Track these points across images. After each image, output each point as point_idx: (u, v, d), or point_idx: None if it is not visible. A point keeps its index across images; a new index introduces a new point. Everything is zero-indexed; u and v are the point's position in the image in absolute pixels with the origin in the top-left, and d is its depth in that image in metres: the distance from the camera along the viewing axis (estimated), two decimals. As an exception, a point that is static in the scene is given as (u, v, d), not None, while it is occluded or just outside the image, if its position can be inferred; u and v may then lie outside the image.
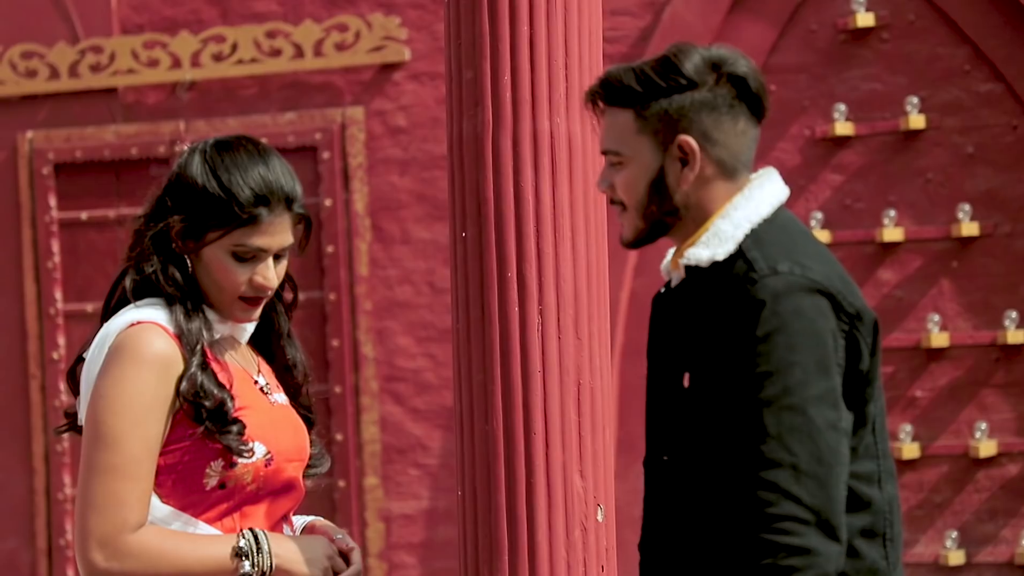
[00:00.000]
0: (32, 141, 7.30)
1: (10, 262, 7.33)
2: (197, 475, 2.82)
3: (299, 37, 7.15)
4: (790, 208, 2.37)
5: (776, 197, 2.68)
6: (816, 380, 2.47)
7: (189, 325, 2.83)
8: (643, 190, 2.66)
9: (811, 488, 2.44)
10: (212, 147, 2.90)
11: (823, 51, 6.86)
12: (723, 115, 2.65)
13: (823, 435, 2.46)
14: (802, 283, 2.52)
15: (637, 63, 2.68)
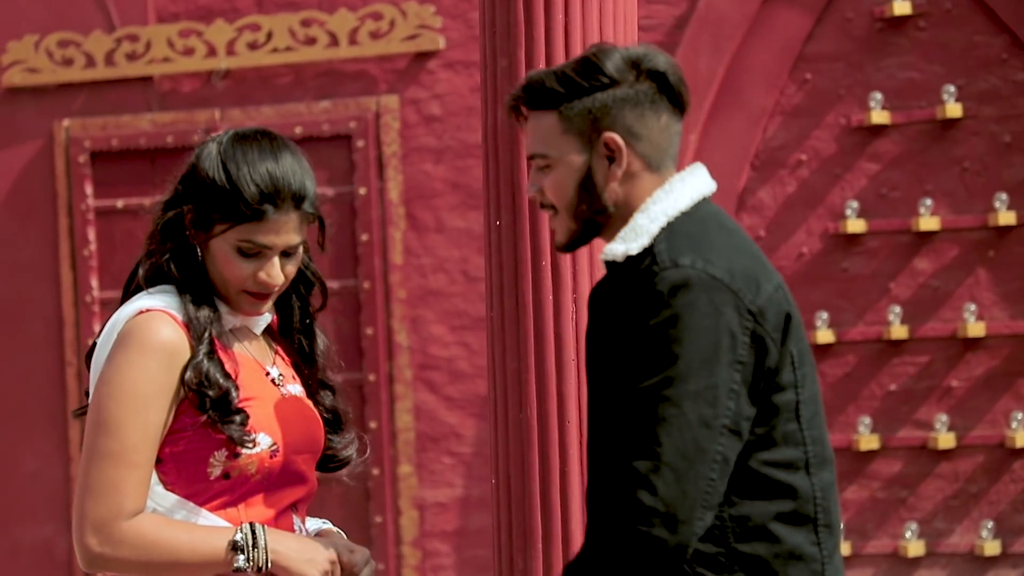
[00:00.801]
0: (68, 129, 7.33)
1: (46, 250, 7.36)
2: (201, 464, 2.81)
3: (334, 25, 7.15)
4: (826, 197, 2.39)
5: (698, 191, 2.70)
6: (697, 375, 2.50)
7: (198, 314, 2.82)
8: (572, 190, 2.68)
9: (667, 480, 2.48)
10: (229, 139, 2.88)
11: (859, 39, 6.82)
12: (646, 110, 2.67)
13: (692, 430, 2.49)
14: (701, 277, 2.55)
15: (559, 67, 2.72)
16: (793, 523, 2.61)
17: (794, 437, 2.61)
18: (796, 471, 2.62)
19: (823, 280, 6.85)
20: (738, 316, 2.55)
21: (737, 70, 6.88)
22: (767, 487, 2.59)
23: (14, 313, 7.38)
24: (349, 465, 3.04)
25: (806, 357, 2.65)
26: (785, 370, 2.60)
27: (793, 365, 2.61)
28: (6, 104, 7.39)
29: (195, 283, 2.85)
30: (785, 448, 2.60)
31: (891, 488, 6.78)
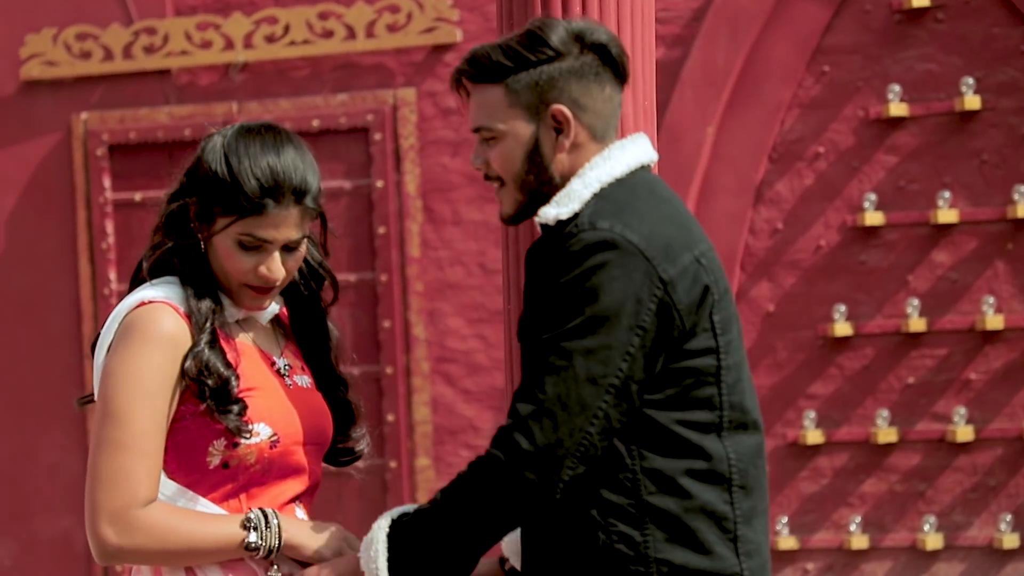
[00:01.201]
0: (86, 122, 7.34)
1: (64, 243, 7.38)
2: (200, 453, 2.81)
3: (351, 18, 7.15)
4: (844, 189, 2.38)
5: (636, 159, 2.74)
6: (595, 333, 2.57)
7: (199, 304, 2.83)
8: (520, 162, 2.73)
9: (545, 427, 2.56)
10: (234, 132, 2.88)
11: (877, 31, 6.81)
12: (591, 82, 2.73)
13: (579, 386, 2.56)
14: (616, 240, 2.61)
15: (503, 40, 2.75)
16: (705, 481, 2.65)
17: (710, 401, 2.66)
18: (708, 433, 2.66)
19: (841, 273, 6.83)
20: (647, 282, 2.60)
21: (755, 63, 6.87)
22: (679, 445, 2.64)
23: (32, 306, 7.40)
24: (360, 459, 3.03)
25: (732, 325, 2.70)
26: (701, 337, 2.64)
27: (714, 332, 2.66)
28: (25, 97, 7.40)
29: (198, 275, 2.85)
30: (699, 411, 2.65)
31: (909, 481, 6.77)
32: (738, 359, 2.71)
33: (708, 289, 2.66)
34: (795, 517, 6.84)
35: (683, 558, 2.63)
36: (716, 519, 2.65)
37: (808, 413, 6.80)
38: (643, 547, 2.62)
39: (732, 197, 6.88)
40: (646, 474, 2.63)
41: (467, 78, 2.77)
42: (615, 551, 2.62)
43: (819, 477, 6.84)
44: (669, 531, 2.63)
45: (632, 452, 2.63)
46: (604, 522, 2.63)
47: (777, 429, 6.86)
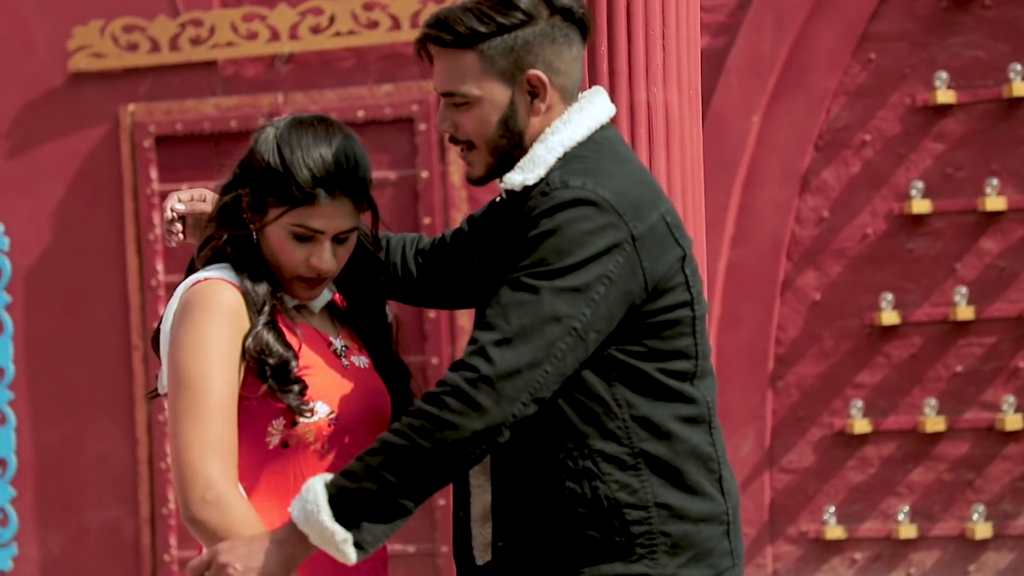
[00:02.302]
0: (134, 114, 7.38)
1: (112, 234, 7.42)
2: (259, 433, 2.83)
3: (396, 9, 7.16)
4: (891, 177, 2.38)
5: (595, 119, 2.76)
6: (563, 276, 2.60)
7: (256, 287, 2.85)
8: (494, 126, 2.74)
9: (505, 356, 2.57)
10: (286, 124, 2.90)
11: (924, 18, 6.77)
12: (562, 44, 2.75)
13: (543, 320, 2.59)
14: (589, 196, 2.63)
15: (470, 3, 2.75)
16: (691, 424, 2.70)
17: (688, 351, 2.71)
18: (685, 381, 2.71)
19: (888, 261, 6.80)
20: (618, 236, 2.63)
21: (800, 51, 6.84)
22: (663, 392, 2.68)
23: (81, 297, 7.45)
24: None
25: (698, 277, 2.75)
26: (676, 291, 2.68)
27: (688, 285, 2.71)
28: (72, 89, 7.45)
29: (251, 264, 2.87)
30: (678, 360, 2.70)
31: (958, 470, 6.74)
32: (704, 309, 2.76)
33: (677, 244, 2.70)
34: (843, 507, 6.82)
35: (679, 501, 2.68)
36: (703, 460, 2.71)
37: (855, 402, 6.77)
38: (642, 492, 2.66)
39: (778, 186, 6.85)
40: (636, 421, 2.67)
41: (436, 43, 2.76)
42: (615, 499, 2.66)
43: (867, 466, 6.81)
44: (664, 475, 2.67)
45: (620, 401, 2.67)
46: (600, 472, 2.66)
47: (824, 418, 6.84)
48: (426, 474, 2.60)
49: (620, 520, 2.66)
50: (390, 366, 3.00)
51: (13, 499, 7.48)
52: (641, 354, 2.67)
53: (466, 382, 2.59)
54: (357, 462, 2.62)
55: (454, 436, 2.58)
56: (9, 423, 7.47)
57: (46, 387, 7.48)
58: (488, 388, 2.58)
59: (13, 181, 7.48)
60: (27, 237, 7.49)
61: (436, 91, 2.79)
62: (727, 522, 2.73)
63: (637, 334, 2.67)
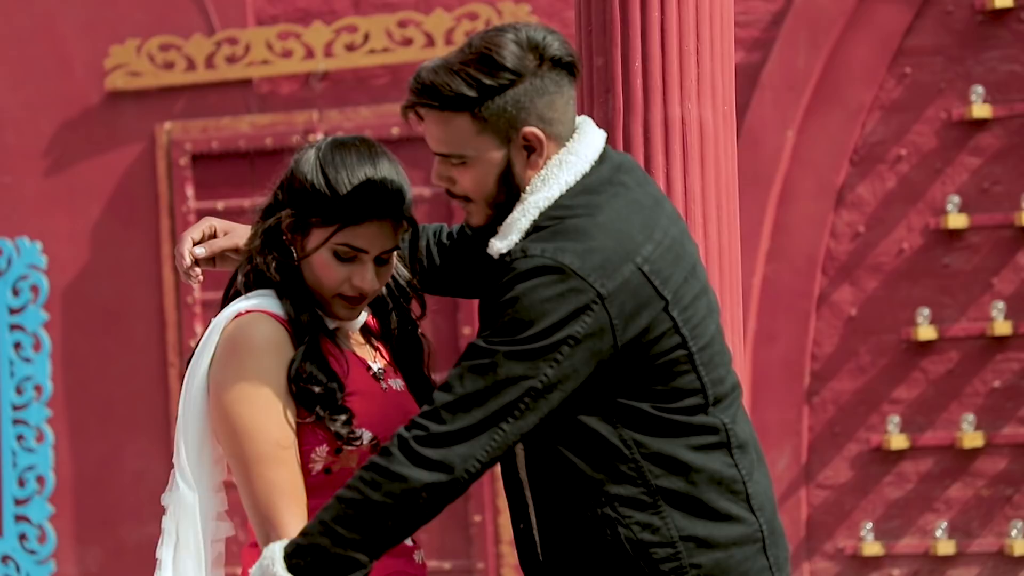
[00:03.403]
0: (170, 132, 7.41)
1: (148, 251, 7.45)
2: (303, 460, 2.83)
3: (430, 26, 7.18)
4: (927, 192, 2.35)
5: (576, 170, 2.72)
6: (521, 340, 2.59)
7: (299, 313, 2.85)
8: (492, 184, 2.73)
9: (457, 418, 2.60)
10: (328, 144, 2.91)
11: (960, 32, 6.75)
12: (553, 95, 2.71)
13: (500, 385, 2.59)
14: (547, 265, 2.61)
15: (453, 64, 2.71)
16: (707, 450, 2.68)
17: (692, 385, 2.68)
18: (698, 413, 2.68)
19: (924, 276, 6.78)
20: (581, 298, 2.60)
21: (835, 65, 6.83)
22: (674, 428, 2.67)
23: (117, 314, 7.48)
24: None
25: (696, 309, 2.69)
26: (663, 339, 2.65)
27: (677, 329, 2.66)
28: (109, 107, 7.49)
29: (293, 287, 2.88)
30: (684, 399, 2.67)
31: (996, 486, 6.70)
32: (709, 336, 2.71)
33: (657, 294, 2.65)
34: (880, 523, 6.79)
35: (705, 530, 2.66)
36: (726, 484, 2.68)
37: (892, 418, 6.75)
38: (665, 529, 2.64)
39: (813, 201, 6.84)
40: (648, 459, 2.65)
41: (426, 108, 2.75)
42: (639, 541, 2.64)
43: (904, 482, 6.78)
44: (685, 508, 2.65)
45: (628, 443, 2.65)
46: (620, 516, 2.65)
47: (861, 434, 6.82)
48: (378, 527, 2.61)
49: (647, 560, 2.64)
50: (423, 388, 3.00)
51: (51, 516, 7.51)
52: (643, 396, 2.66)
53: (415, 440, 2.59)
54: (313, 519, 2.64)
55: (403, 487, 2.59)
56: (47, 440, 7.50)
57: (84, 405, 7.51)
58: (436, 447, 2.59)
59: (51, 199, 7.52)
60: (64, 255, 7.53)
61: (432, 150, 2.77)
62: (761, 539, 2.71)
63: (634, 380, 2.65)
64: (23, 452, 7.50)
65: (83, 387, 7.50)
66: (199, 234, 3.02)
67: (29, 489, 7.50)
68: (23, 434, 7.51)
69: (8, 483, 7.51)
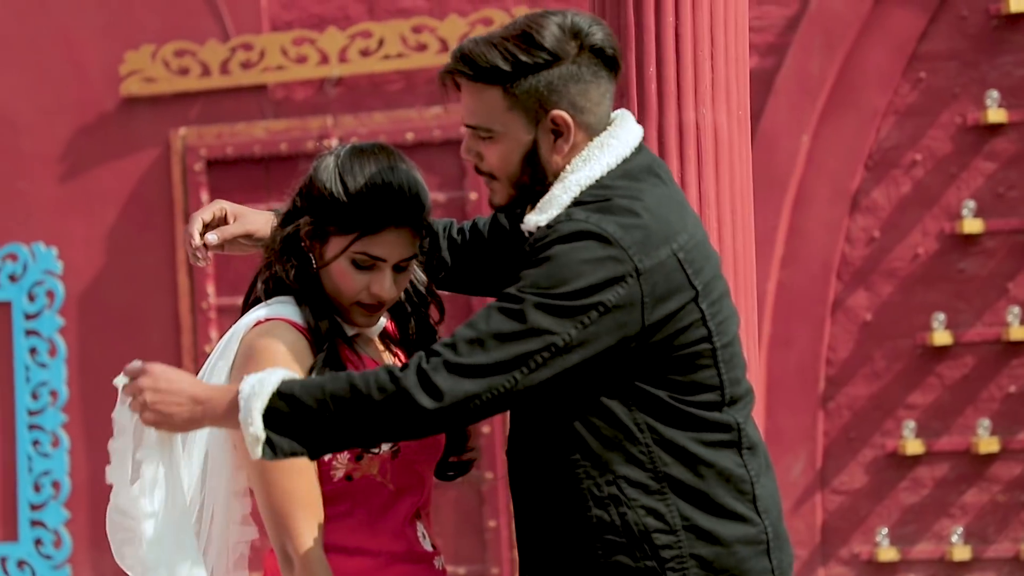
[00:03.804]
0: (184, 138, 7.43)
1: (163, 257, 7.46)
2: (324, 467, 2.84)
3: (445, 32, 7.19)
4: (942, 197, 2.35)
5: (617, 154, 2.73)
6: (554, 296, 2.59)
7: (319, 322, 2.86)
8: (516, 164, 2.75)
9: (474, 353, 2.59)
10: (347, 152, 2.92)
11: (975, 37, 6.74)
12: (588, 83, 2.73)
13: (523, 334, 2.59)
14: (590, 229, 2.63)
15: (495, 38, 2.73)
16: (718, 447, 2.69)
17: (710, 382, 2.69)
18: (714, 410, 2.69)
19: (939, 281, 6.77)
20: (619, 268, 2.62)
21: (850, 70, 6.82)
22: (688, 420, 2.67)
23: (133, 320, 7.49)
24: (466, 473, 3.05)
25: (722, 307, 2.71)
26: (690, 329, 2.66)
27: (704, 321, 2.68)
28: (124, 113, 7.50)
29: (312, 294, 2.88)
30: (702, 393, 2.68)
31: (1012, 491, 6.69)
32: (732, 335, 2.73)
33: (689, 283, 2.68)
34: (895, 528, 6.78)
35: (709, 523, 2.66)
36: (734, 483, 2.69)
37: (907, 423, 6.74)
38: (669, 516, 2.66)
39: (828, 206, 6.83)
40: (659, 446, 2.66)
41: (461, 76, 2.75)
42: (643, 524, 2.65)
43: (919, 488, 6.77)
44: (691, 499, 2.66)
45: (641, 426, 2.66)
46: (627, 498, 2.66)
47: (876, 439, 6.81)
48: (361, 423, 2.61)
49: (650, 545, 2.65)
50: None
51: (67, 521, 7.52)
52: (662, 384, 2.67)
53: (429, 365, 2.60)
54: (318, 379, 2.64)
55: (403, 404, 2.59)
56: (63, 446, 7.52)
57: (99, 410, 7.52)
58: (446, 375, 2.59)
59: (66, 205, 7.54)
60: (80, 261, 7.54)
61: (463, 122, 2.79)
62: (766, 541, 2.71)
63: (655, 368, 2.66)
64: (39, 457, 7.52)
65: (98, 392, 7.51)
66: (210, 216, 3.03)
67: (45, 494, 7.52)
68: (39, 439, 7.53)
69: (24, 488, 7.52)
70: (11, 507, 7.56)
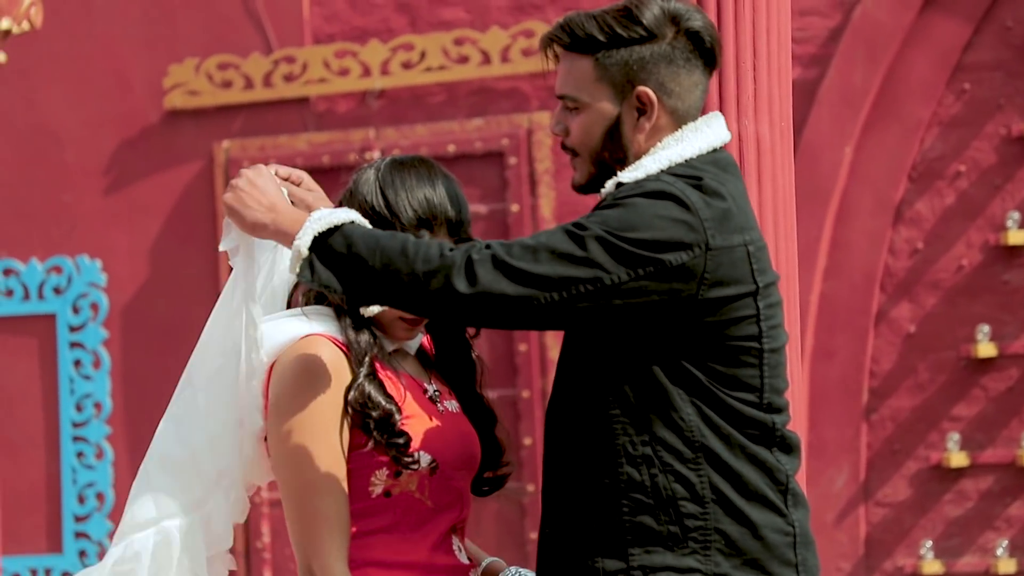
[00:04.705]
0: (228, 150, 7.45)
1: (206, 269, 7.49)
2: (363, 483, 2.84)
3: (486, 44, 7.20)
4: (986, 208, 2.34)
5: (708, 142, 2.74)
6: (617, 236, 2.60)
7: (358, 337, 2.86)
8: (598, 137, 2.75)
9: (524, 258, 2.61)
10: (387, 164, 2.93)
11: (1019, 48, 6.71)
12: (680, 68, 2.73)
13: (577, 260, 2.60)
14: (674, 191, 2.64)
15: (597, 11, 2.75)
16: (754, 439, 2.68)
17: (751, 381, 2.68)
18: (750, 407, 2.68)
19: (984, 293, 6.73)
20: (690, 235, 2.62)
21: (893, 81, 6.80)
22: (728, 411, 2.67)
23: (176, 332, 7.52)
24: (500, 489, 3.05)
25: (776, 314, 2.71)
26: (743, 323, 2.66)
27: (758, 320, 2.68)
28: (168, 126, 7.54)
29: (353, 309, 2.88)
30: (743, 391, 2.68)
31: (1057, 504, 6.65)
32: (780, 344, 2.73)
33: (752, 277, 2.68)
34: (940, 541, 6.74)
35: (739, 502, 2.65)
36: (767, 470, 2.68)
37: (952, 435, 6.70)
38: (699, 487, 2.65)
39: (871, 217, 6.80)
40: (700, 418, 2.66)
41: (558, 44, 2.78)
42: (672, 491, 2.65)
43: (964, 500, 6.73)
44: (724, 475, 2.65)
45: (682, 396, 2.66)
46: (660, 461, 2.66)
47: (920, 452, 6.77)
48: (396, 284, 2.64)
49: (676, 511, 2.65)
50: (477, 409, 3.00)
51: (111, 533, 7.56)
52: (703, 370, 2.67)
53: (479, 255, 2.62)
54: (378, 232, 2.69)
55: (441, 280, 2.61)
56: (107, 458, 7.55)
57: (143, 422, 7.55)
58: (490, 269, 2.61)
59: (110, 218, 7.58)
60: (124, 273, 7.58)
61: (555, 92, 2.82)
62: (792, 535, 2.69)
63: (700, 352, 2.66)
64: (83, 469, 7.56)
65: (142, 404, 7.54)
66: (286, 172, 3.05)
67: (89, 506, 7.55)
68: (83, 451, 7.56)
69: (68, 500, 7.56)
70: (56, 519, 7.60)
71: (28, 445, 7.59)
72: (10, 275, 7.63)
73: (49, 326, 7.63)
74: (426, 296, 2.63)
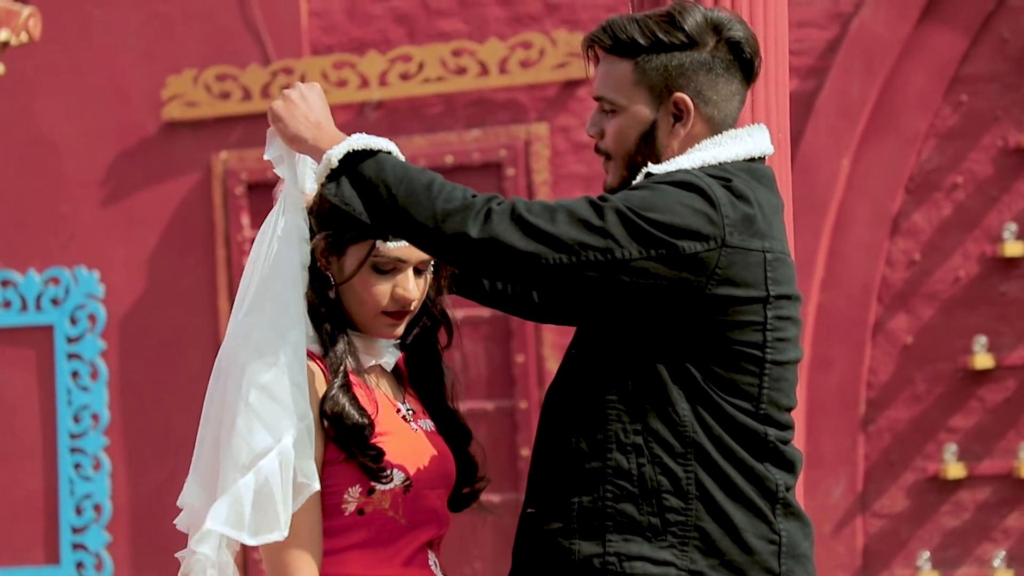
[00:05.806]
0: (226, 162, 7.46)
1: (204, 280, 7.49)
2: (336, 501, 2.83)
3: (484, 55, 7.21)
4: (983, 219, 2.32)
5: (746, 150, 2.75)
6: (636, 215, 2.60)
7: (334, 347, 2.86)
8: (633, 140, 2.76)
9: (541, 216, 2.61)
10: None
11: (1016, 60, 6.72)
12: (719, 77, 2.74)
13: (592, 228, 2.60)
14: (700, 185, 2.63)
15: (640, 15, 2.76)
16: (745, 447, 2.67)
17: (748, 389, 2.67)
18: (744, 415, 2.67)
19: (981, 304, 6.74)
20: (709, 230, 2.62)
21: (890, 93, 6.81)
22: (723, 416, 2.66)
23: (174, 343, 7.52)
24: (474, 503, 3.04)
25: (786, 328, 2.70)
26: (748, 330, 2.66)
27: (765, 329, 2.67)
28: (166, 137, 7.55)
29: (332, 315, 2.88)
30: (739, 398, 2.67)
31: (1054, 516, 6.65)
32: (786, 359, 2.72)
33: (764, 284, 2.68)
34: (937, 552, 6.74)
35: (724, 503, 2.65)
36: (755, 477, 2.67)
37: (949, 446, 6.70)
38: (685, 483, 2.65)
39: (868, 228, 6.81)
40: (694, 415, 2.66)
41: (600, 46, 2.79)
42: (657, 483, 2.65)
43: (961, 511, 6.73)
44: (712, 474, 2.65)
45: (680, 394, 2.66)
46: (649, 452, 2.66)
47: (917, 463, 6.77)
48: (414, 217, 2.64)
49: (659, 503, 2.64)
50: (451, 426, 2.99)
51: (108, 544, 7.55)
52: (701, 370, 2.66)
53: (499, 206, 2.62)
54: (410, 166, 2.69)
55: (454, 219, 2.62)
56: (104, 469, 7.55)
57: (140, 433, 7.55)
58: (506, 220, 2.61)
59: (108, 229, 7.59)
60: (121, 284, 7.58)
61: (592, 94, 2.83)
62: (778, 544, 2.68)
63: (701, 351, 2.66)
64: (80, 480, 7.55)
65: (140, 415, 7.54)
66: None
67: (86, 517, 7.55)
68: (80, 462, 7.56)
69: (65, 511, 7.56)
70: (53, 530, 7.59)
71: (25, 456, 7.59)
72: (8, 286, 7.64)
73: (47, 337, 7.63)
74: (439, 235, 2.63)
